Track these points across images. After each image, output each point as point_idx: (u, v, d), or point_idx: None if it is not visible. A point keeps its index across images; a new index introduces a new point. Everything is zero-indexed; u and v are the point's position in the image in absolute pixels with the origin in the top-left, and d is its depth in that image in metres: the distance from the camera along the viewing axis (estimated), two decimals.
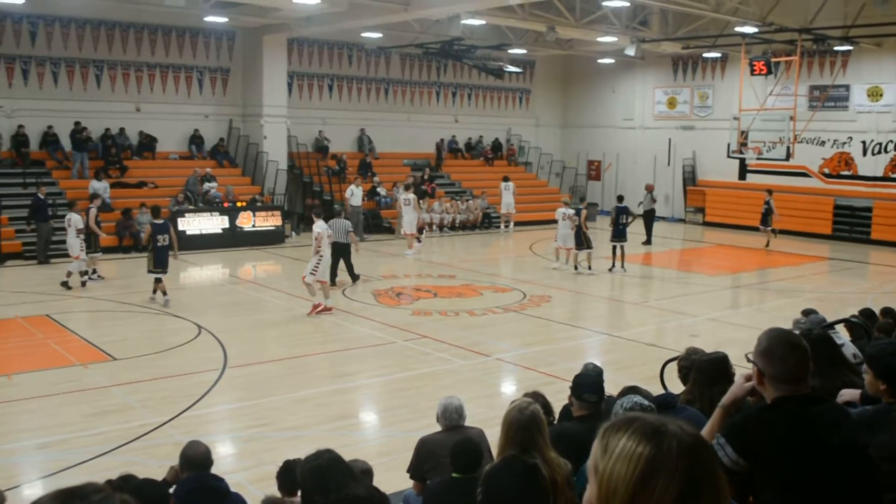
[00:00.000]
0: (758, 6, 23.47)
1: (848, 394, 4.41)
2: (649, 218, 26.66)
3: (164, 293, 16.20)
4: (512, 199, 28.73)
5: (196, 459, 5.36)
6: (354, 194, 25.52)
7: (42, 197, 20.49)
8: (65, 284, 17.47)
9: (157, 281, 16.34)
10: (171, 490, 5.39)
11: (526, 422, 4.77)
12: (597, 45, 29.64)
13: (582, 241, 20.37)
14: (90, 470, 8.10)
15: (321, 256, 15.55)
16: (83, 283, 17.79)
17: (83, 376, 11.60)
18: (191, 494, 5.21)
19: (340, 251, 17.98)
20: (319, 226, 15.79)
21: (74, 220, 17.78)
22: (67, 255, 18.14)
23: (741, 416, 3.35)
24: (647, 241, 26.07)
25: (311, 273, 15.50)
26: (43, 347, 13.27)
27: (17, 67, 24.05)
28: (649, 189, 27.39)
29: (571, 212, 20.79)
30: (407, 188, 24.52)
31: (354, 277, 18.54)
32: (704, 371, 5.29)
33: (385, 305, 16.72)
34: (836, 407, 3.45)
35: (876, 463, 3.25)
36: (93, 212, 18.65)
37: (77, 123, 24.19)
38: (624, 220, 20.96)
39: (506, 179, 28.93)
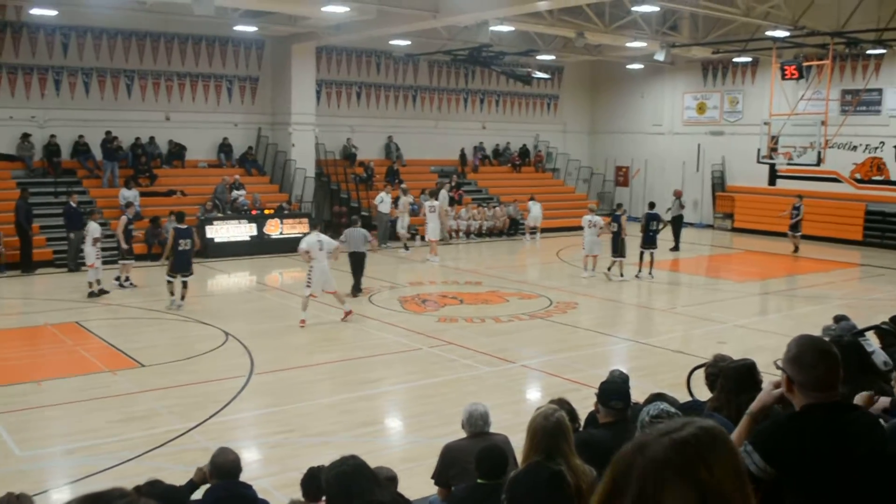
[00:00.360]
0: (789, 10, 23.25)
1: (879, 402, 4.33)
2: (677, 224, 26.47)
3: (172, 293, 16.73)
4: (539, 212, 28.61)
5: (225, 467, 5.36)
6: (384, 201, 25.67)
7: (74, 205, 20.69)
8: (92, 294, 17.63)
9: (172, 282, 16.78)
10: (203, 493, 5.38)
11: (551, 428, 4.73)
12: (626, 51, 29.52)
13: (619, 248, 20.26)
14: (117, 475, 8.14)
15: (311, 268, 15.43)
16: (100, 291, 17.83)
17: (111, 383, 11.68)
18: (219, 503, 5.20)
19: (356, 260, 17.89)
20: (306, 241, 15.65)
21: (92, 228, 17.95)
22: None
23: (769, 424, 3.30)
24: (675, 248, 25.89)
25: (306, 286, 15.48)
26: (72, 354, 13.38)
27: (49, 78, 24.36)
28: (677, 195, 27.19)
29: (598, 219, 20.66)
30: (432, 195, 24.57)
31: (357, 290, 18.01)
32: (732, 378, 5.21)
33: (411, 312, 16.71)
34: (866, 415, 3.38)
35: None
36: (123, 220, 18.86)
37: (108, 133, 24.46)
38: (654, 227, 20.78)
39: (532, 199, 28.80)
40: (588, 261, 20.75)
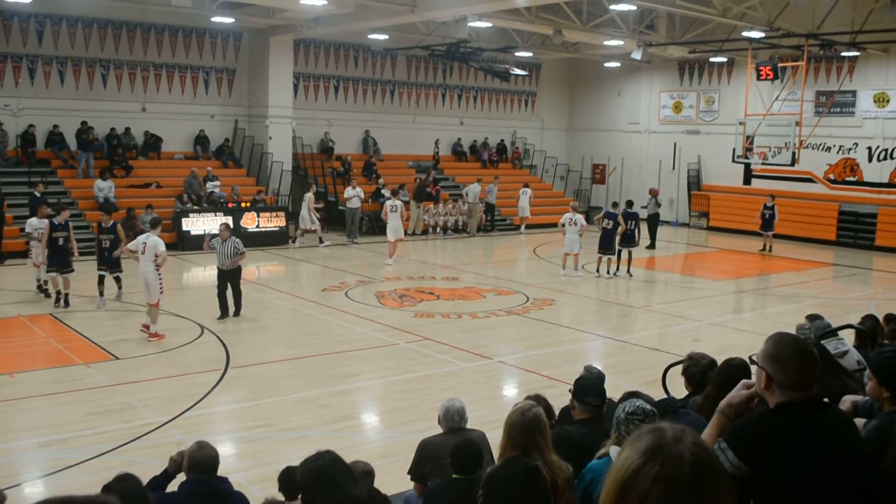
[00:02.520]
0: (765, 11, 23.44)
1: (850, 399, 4.39)
2: (653, 222, 26.61)
3: (104, 291, 16.30)
4: (528, 203, 29.02)
5: (202, 463, 5.28)
6: (350, 197, 25.63)
7: (38, 195, 20.24)
8: (44, 291, 16.80)
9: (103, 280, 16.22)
10: (178, 486, 5.32)
11: (528, 424, 4.76)
12: (603, 49, 29.62)
13: (611, 245, 20.40)
14: (91, 469, 8.10)
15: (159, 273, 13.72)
16: (39, 287, 16.97)
17: (85, 375, 11.60)
18: (193, 497, 5.16)
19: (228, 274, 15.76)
20: (154, 240, 13.68)
21: (28, 223, 17.11)
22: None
23: (745, 421, 3.30)
24: (652, 246, 26.02)
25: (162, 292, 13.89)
26: (45, 346, 13.30)
27: (23, 66, 24.10)
28: (653, 193, 27.35)
29: (579, 217, 20.67)
30: (394, 194, 24.10)
31: (231, 310, 15.65)
32: (733, 376, 5.14)
33: (388, 307, 16.70)
34: (840, 413, 3.42)
35: (884, 471, 3.22)
36: (46, 228, 16.13)
37: (83, 123, 24.24)
38: (632, 226, 20.90)
39: (525, 186, 29.26)
40: (567, 259, 20.75)
